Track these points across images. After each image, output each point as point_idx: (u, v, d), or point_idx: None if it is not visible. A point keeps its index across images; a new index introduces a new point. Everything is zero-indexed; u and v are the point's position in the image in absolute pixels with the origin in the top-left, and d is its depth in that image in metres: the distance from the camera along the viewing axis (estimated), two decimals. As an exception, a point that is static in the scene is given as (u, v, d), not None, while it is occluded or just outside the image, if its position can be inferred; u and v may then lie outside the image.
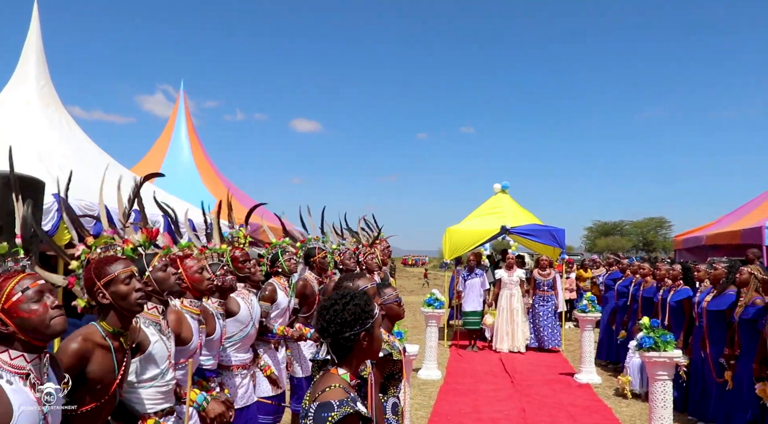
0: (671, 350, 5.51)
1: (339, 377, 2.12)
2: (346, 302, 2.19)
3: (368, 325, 2.18)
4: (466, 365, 10.26)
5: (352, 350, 2.17)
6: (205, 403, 3.20)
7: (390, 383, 3.42)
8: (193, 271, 3.55)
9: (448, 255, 11.90)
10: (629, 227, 65.30)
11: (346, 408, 1.94)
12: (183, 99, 13.39)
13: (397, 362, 3.36)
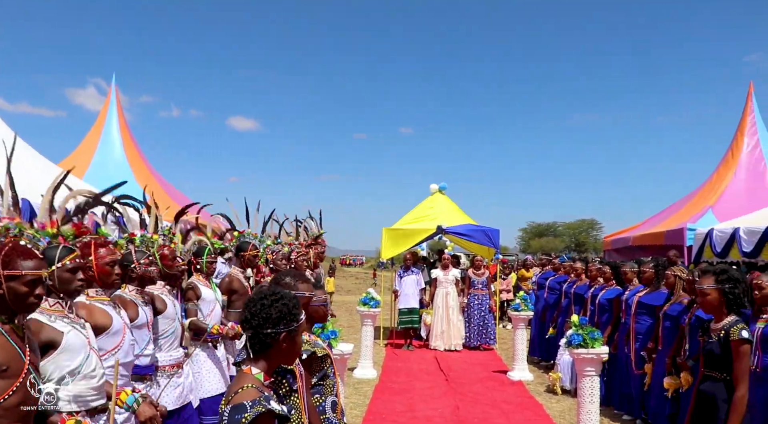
0: (599, 346, 5.66)
1: (252, 377, 2.08)
2: (275, 299, 2.16)
3: (292, 327, 2.15)
4: (401, 364, 10.30)
5: (270, 348, 2.13)
6: (135, 405, 3.09)
7: (325, 382, 3.39)
8: (105, 262, 3.45)
9: (385, 254, 11.95)
10: (562, 229, 67.11)
11: (258, 408, 1.90)
12: (115, 93, 12.99)
13: (325, 358, 3.33)
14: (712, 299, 3.85)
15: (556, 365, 8.63)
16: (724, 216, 10.97)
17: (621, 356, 7.14)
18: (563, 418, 7.19)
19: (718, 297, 3.84)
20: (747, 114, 13.33)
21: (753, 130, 13.12)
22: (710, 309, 3.91)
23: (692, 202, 12.83)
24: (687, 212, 12.20)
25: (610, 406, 7.45)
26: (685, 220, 11.37)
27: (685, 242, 10.64)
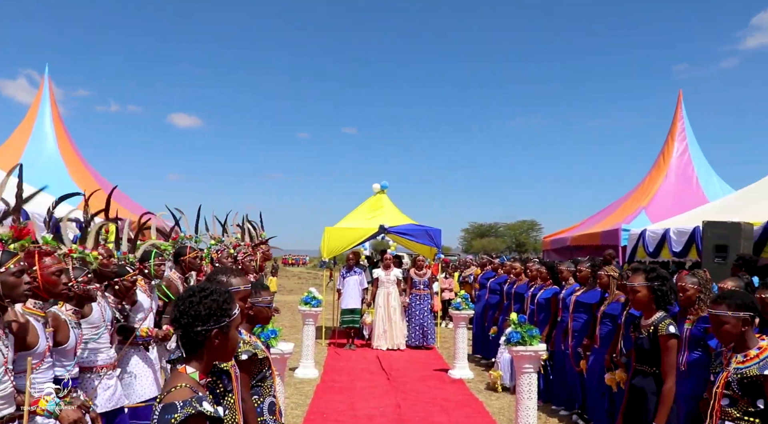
0: (536, 344, 5.79)
1: (187, 377, 2.01)
2: (204, 295, 2.10)
3: (223, 323, 2.09)
4: (343, 364, 10.30)
5: (202, 347, 2.07)
6: (57, 409, 2.98)
7: (263, 383, 3.36)
8: (50, 271, 3.31)
9: (327, 254, 11.92)
10: (503, 229, 68.24)
11: (188, 409, 1.84)
12: (48, 85, 12.55)
13: (263, 359, 3.31)
14: (642, 296, 4.00)
15: (496, 363, 8.78)
16: (656, 217, 11.40)
17: (559, 353, 7.32)
18: (502, 415, 7.32)
19: (647, 294, 4.00)
20: (677, 120, 13.89)
21: (682, 136, 13.68)
22: (640, 306, 4.07)
23: (626, 204, 13.29)
24: (622, 213, 12.63)
25: (549, 402, 7.63)
26: (620, 221, 11.77)
27: (620, 242, 11.00)
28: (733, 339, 3.21)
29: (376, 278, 11.86)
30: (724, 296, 3.30)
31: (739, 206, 9.03)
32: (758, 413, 3.06)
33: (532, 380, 5.86)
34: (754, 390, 3.07)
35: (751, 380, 3.06)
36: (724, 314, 3.18)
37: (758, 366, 3.06)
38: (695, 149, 13.68)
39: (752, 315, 3.18)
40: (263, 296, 3.46)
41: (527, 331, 5.74)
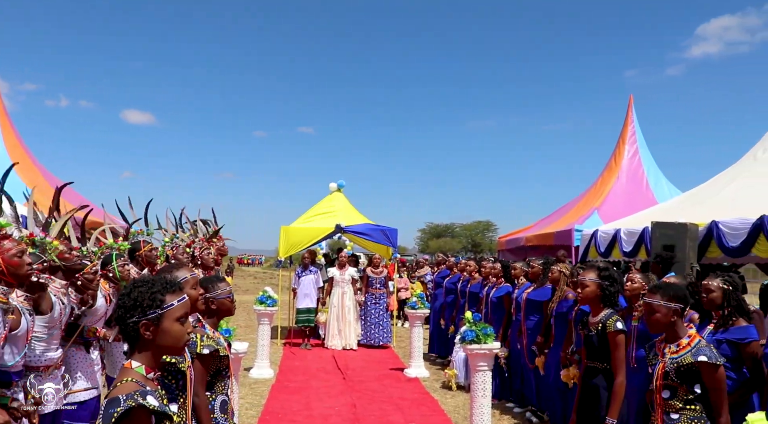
0: (491, 342, 5.85)
1: (133, 371, 1.98)
2: (135, 286, 2.06)
3: (151, 315, 2.02)
4: (298, 363, 10.24)
5: (138, 340, 2.03)
6: None
7: (217, 380, 3.33)
8: (11, 254, 3.22)
9: (283, 253, 11.84)
10: (459, 230, 68.91)
11: (130, 402, 1.81)
12: (-7, 78, 12.12)
13: (224, 357, 3.27)
14: (590, 291, 4.11)
15: (451, 361, 8.85)
16: (607, 218, 11.66)
17: (514, 352, 7.42)
18: (457, 413, 7.38)
19: (596, 290, 4.10)
20: (628, 124, 14.24)
21: (633, 139, 14.03)
22: (588, 301, 4.17)
23: (579, 205, 13.55)
24: (575, 214, 12.87)
25: (503, 400, 7.73)
26: (573, 221, 12.00)
27: (573, 242, 11.22)
28: (662, 328, 3.34)
29: (331, 277, 11.82)
30: (659, 286, 3.43)
31: (686, 208, 9.30)
32: (697, 398, 3.20)
33: (486, 377, 5.91)
34: (690, 377, 3.20)
35: (687, 367, 3.19)
36: (657, 302, 3.31)
37: (691, 353, 3.20)
38: (645, 152, 14.04)
39: (682, 307, 3.33)
40: (221, 288, 3.43)
41: (482, 329, 5.81)
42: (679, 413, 3.22)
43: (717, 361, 3.16)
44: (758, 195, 8.06)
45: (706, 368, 3.16)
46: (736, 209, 7.83)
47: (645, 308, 3.41)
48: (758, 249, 7.19)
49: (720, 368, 3.17)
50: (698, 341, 3.27)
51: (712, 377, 3.16)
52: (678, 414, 3.22)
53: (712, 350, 3.23)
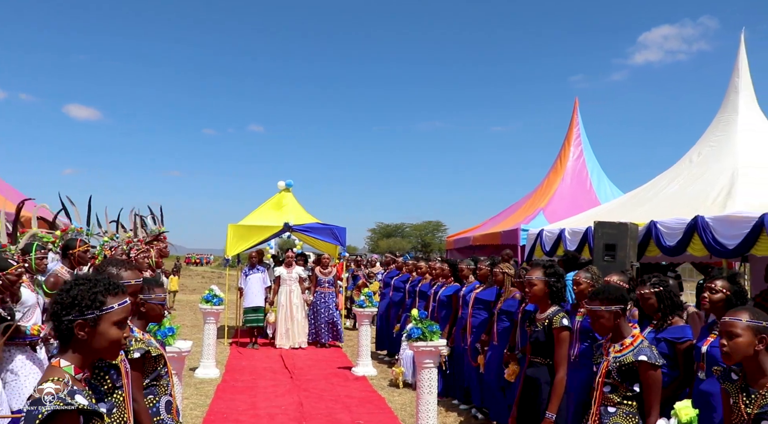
0: (437, 339, 5.92)
1: (60, 370, 1.91)
2: (75, 284, 1.99)
3: (89, 315, 1.95)
4: (246, 363, 10.14)
5: (71, 339, 1.96)
6: None
7: (158, 382, 3.28)
8: None
9: (230, 252, 11.70)
10: (409, 230, 69.30)
11: (56, 402, 1.74)
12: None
13: (158, 357, 3.22)
14: (538, 289, 4.20)
15: (399, 359, 8.90)
16: (553, 218, 11.89)
17: (459, 350, 7.51)
18: (404, 410, 7.43)
19: (543, 288, 4.19)
20: (573, 126, 14.57)
21: (578, 141, 14.36)
22: (536, 299, 4.26)
23: (526, 205, 13.79)
24: (521, 214, 13.10)
25: (449, 397, 7.81)
26: (519, 221, 12.20)
27: (519, 242, 11.41)
28: (608, 331, 3.45)
29: (278, 277, 11.73)
30: (597, 292, 3.51)
31: (627, 208, 9.56)
32: (635, 396, 3.31)
33: (432, 375, 5.97)
34: (630, 376, 3.31)
35: (628, 366, 3.30)
36: (599, 308, 3.40)
37: (633, 353, 3.32)
38: (589, 154, 14.39)
39: (623, 307, 3.43)
40: (156, 293, 3.37)
41: (428, 327, 5.86)
42: (616, 406, 3.33)
43: (656, 362, 3.27)
44: (693, 196, 8.34)
45: (645, 368, 3.27)
46: (673, 210, 8.10)
47: (589, 314, 3.50)
48: (693, 248, 7.45)
49: (658, 369, 3.29)
50: (641, 341, 3.38)
51: (650, 376, 3.28)
52: (615, 408, 3.33)
53: (653, 351, 3.34)
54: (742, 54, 9.92)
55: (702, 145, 9.91)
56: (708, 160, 9.36)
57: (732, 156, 8.83)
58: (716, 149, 9.43)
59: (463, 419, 7.15)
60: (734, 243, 6.70)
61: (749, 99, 9.71)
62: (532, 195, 14.38)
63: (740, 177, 8.08)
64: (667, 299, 4.36)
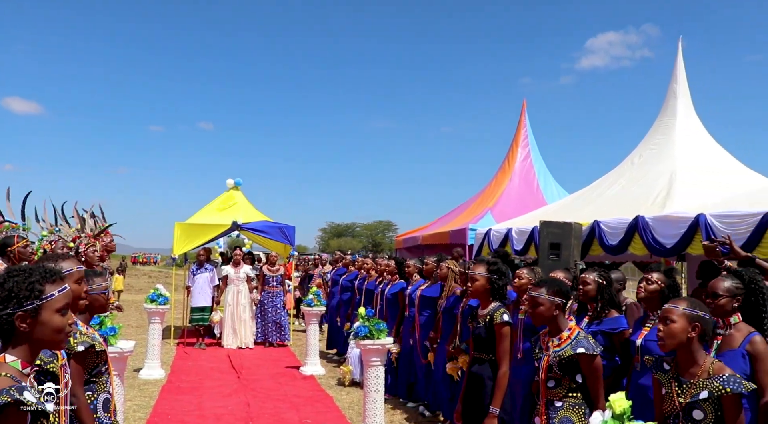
0: (384, 337, 5.92)
1: (7, 365, 1.86)
2: (10, 276, 1.93)
3: (28, 306, 1.90)
4: (192, 363, 9.98)
5: (13, 333, 1.91)
6: None
7: (97, 378, 3.21)
8: None
9: (177, 250, 11.50)
10: (360, 229, 69.31)
11: (4, 397, 1.70)
12: None
13: (101, 353, 3.16)
14: (480, 285, 4.24)
15: (346, 358, 8.90)
16: (500, 217, 12.08)
17: (406, 347, 7.55)
18: (352, 409, 7.43)
19: (485, 284, 4.24)
20: (521, 128, 14.83)
21: (525, 142, 14.62)
22: (477, 295, 4.31)
23: (474, 205, 13.96)
24: (470, 214, 13.26)
25: (397, 395, 7.85)
26: (468, 221, 12.35)
27: (467, 241, 11.55)
28: (544, 321, 3.51)
29: (226, 276, 11.58)
30: (545, 281, 3.61)
31: (572, 208, 9.78)
32: (579, 387, 3.39)
33: (379, 373, 5.98)
34: (571, 368, 3.39)
35: (568, 359, 3.37)
36: (542, 296, 3.48)
37: (571, 346, 3.39)
38: (536, 155, 14.67)
39: (564, 302, 3.52)
40: (97, 282, 3.30)
41: (375, 324, 5.86)
42: (562, 400, 3.40)
43: (594, 351, 3.36)
44: (635, 197, 8.59)
45: (585, 359, 3.35)
46: (615, 210, 8.32)
47: (529, 301, 3.57)
48: (634, 247, 7.67)
49: (597, 357, 3.38)
50: (577, 333, 3.46)
51: (590, 366, 3.37)
52: (561, 402, 3.40)
53: (590, 340, 3.43)
54: (680, 61, 10.27)
55: (643, 148, 10.22)
56: (648, 162, 9.65)
57: (671, 159, 9.13)
58: (656, 152, 9.73)
59: (409, 416, 7.19)
60: (672, 242, 6.92)
61: (687, 104, 10.06)
62: (481, 195, 14.57)
63: (678, 179, 8.35)
64: (606, 293, 4.50)
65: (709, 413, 2.71)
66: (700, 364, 2.80)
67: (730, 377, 2.70)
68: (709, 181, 8.29)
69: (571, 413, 3.34)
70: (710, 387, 2.70)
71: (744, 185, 8.16)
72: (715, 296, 3.43)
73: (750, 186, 8.14)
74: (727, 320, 3.44)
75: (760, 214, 5.96)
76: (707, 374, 2.75)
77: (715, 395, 2.69)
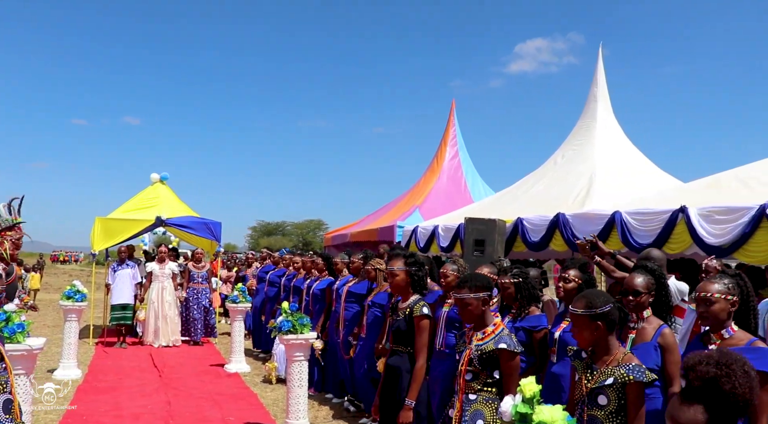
0: (307, 332, 5.90)
1: None
2: None
3: None
4: (111, 362, 9.65)
5: None
6: None
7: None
8: None
9: (98, 246, 11.09)
10: (291, 228, 68.62)
11: None
12: None
13: None
14: (400, 279, 4.27)
15: (272, 355, 8.80)
16: (428, 215, 12.22)
17: (332, 343, 7.53)
18: (276, 405, 7.36)
19: (405, 278, 4.27)
20: (450, 127, 15.04)
21: (454, 142, 14.84)
22: (398, 289, 4.33)
23: (403, 202, 14.08)
24: (398, 211, 13.36)
25: (323, 391, 7.83)
26: (396, 218, 12.44)
27: (395, 238, 11.62)
28: (475, 318, 3.53)
29: (150, 272, 11.25)
30: (465, 280, 3.61)
31: (497, 206, 10.01)
32: (495, 382, 3.42)
33: (302, 367, 5.96)
34: (491, 363, 3.41)
35: (489, 354, 3.40)
36: (467, 296, 3.49)
37: (494, 341, 3.41)
38: (464, 155, 14.90)
39: (489, 294, 3.54)
40: None
41: (298, 319, 5.83)
42: (477, 394, 3.42)
43: (515, 349, 3.40)
44: (556, 196, 8.87)
45: (505, 355, 3.37)
46: (538, 208, 8.56)
47: (457, 303, 3.55)
48: (555, 244, 7.91)
49: (516, 356, 3.42)
50: (501, 330, 3.48)
51: (508, 363, 3.38)
52: (476, 395, 3.43)
53: (512, 338, 3.46)
54: (600, 67, 10.66)
55: (565, 149, 10.55)
56: (570, 162, 9.98)
57: (591, 159, 9.46)
58: (578, 152, 10.06)
59: (335, 412, 7.18)
60: (590, 239, 7.17)
61: (606, 107, 10.45)
62: (409, 193, 14.70)
63: (597, 179, 8.67)
64: (525, 290, 4.61)
65: (612, 399, 2.82)
66: (613, 353, 2.90)
67: (635, 366, 2.82)
68: (625, 181, 8.64)
69: (484, 407, 3.36)
70: (616, 374, 2.82)
71: (656, 185, 8.56)
72: (636, 293, 3.55)
73: (661, 186, 8.55)
74: (640, 314, 3.58)
75: (669, 211, 6.26)
76: (617, 363, 2.86)
77: (619, 382, 2.80)
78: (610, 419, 2.81)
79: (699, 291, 3.15)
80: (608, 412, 2.82)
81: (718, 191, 6.57)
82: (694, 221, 5.93)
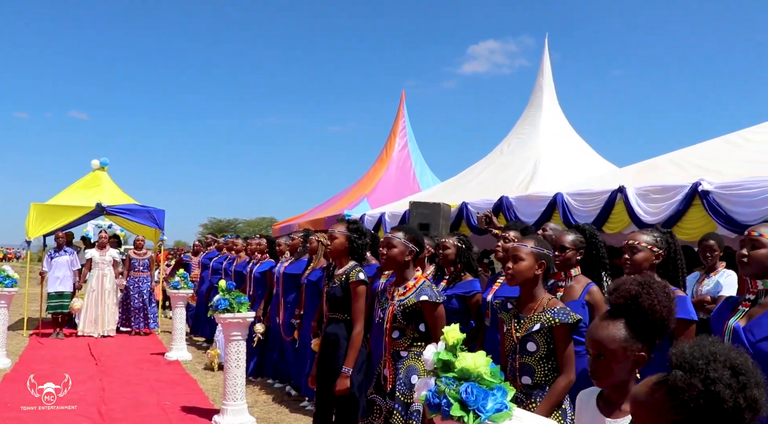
0: (245, 310, 5.74)
1: None
2: None
3: None
4: (46, 352, 9.29)
5: None
6: None
7: None
8: None
9: (33, 233, 10.68)
10: (243, 225, 67.88)
11: None
12: None
13: None
14: (339, 243, 4.15)
15: (214, 341, 8.61)
16: (376, 204, 12.21)
17: (274, 327, 7.40)
18: (216, 391, 7.18)
19: (344, 242, 4.16)
20: (399, 118, 15.07)
21: (403, 133, 14.87)
22: (335, 253, 4.22)
23: (352, 192, 14.05)
24: (346, 201, 13.32)
25: (265, 377, 7.69)
26: (344, 207, 12.39)
27: (343, 226, 11.56)
28: (395, 264, 3.48)
29: (89, 259, 10.88)
30: (404, 227, 3.61)
31: (443, 193, 10.05)
32: (422, 336, 3.40)
33: (240, 348, 5.80)
34: (415, 317, 3.39)
35: (411, 308, 3.37)
36: (399, 239, 3.47)
37: (415, 294, 3.39)
38: (414, 147, 14.94)
39: (417, 251, 3.52)
40: None
41: (235, 297, 5.68)
42: (408, 350, 3.39)
43: (437, 299, 3.38)
44: (502, 181, 8.95)
45: (428, 306, 3.36)
46: (483, 193, 8.61)
47: (384, 242, 3.51)
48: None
49: (440, 306, 3.40)
50: (422, 282, 3.46)
51: (432, 314, 3.38)
52: (406, 352, 3.40)
53: (433, 289, 3.44)
54: (546, 57, 10.81)
55: (511, 138, 10.66)
56: (516, 150, 10.08)
57: (536, 147, 9.57)
58: (523, 140, 10.17)
59: (275, 396, 7.05)
60: (533, 220, 7.21)
61: (551, 97, 10.59)
62: (358, 184, 14.68)
63: (542, 164, 8.77)
64: (464, 257, 4.59)
65: (541, 345, 2.82)
66: (538, 300, 2.90)
67: (560, 309, 2.83)
68: (568, 166, 8.77)
69: (416, 362, 3.33)
70: (542, 320, 2.82)
71: (596, 170, 8.70)
72: (562, 249, 3.57)
73: (601, 170, 8.69)
74: (568, 272, 3.59)
75: (608, 191, 6.34)
76: (542, 309, 2.86)
77: (546, 327, 2.80)
78: (542, 364, 2.82)
79: (628, 239, 3.21)
80: (538, 357, 2.83)
81: (654, 173, 6.70)
82: (631, 200, 6.02)
